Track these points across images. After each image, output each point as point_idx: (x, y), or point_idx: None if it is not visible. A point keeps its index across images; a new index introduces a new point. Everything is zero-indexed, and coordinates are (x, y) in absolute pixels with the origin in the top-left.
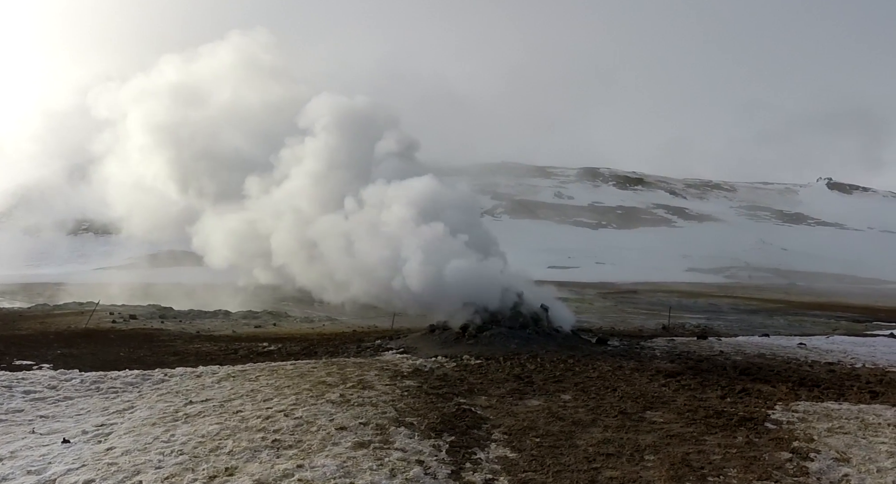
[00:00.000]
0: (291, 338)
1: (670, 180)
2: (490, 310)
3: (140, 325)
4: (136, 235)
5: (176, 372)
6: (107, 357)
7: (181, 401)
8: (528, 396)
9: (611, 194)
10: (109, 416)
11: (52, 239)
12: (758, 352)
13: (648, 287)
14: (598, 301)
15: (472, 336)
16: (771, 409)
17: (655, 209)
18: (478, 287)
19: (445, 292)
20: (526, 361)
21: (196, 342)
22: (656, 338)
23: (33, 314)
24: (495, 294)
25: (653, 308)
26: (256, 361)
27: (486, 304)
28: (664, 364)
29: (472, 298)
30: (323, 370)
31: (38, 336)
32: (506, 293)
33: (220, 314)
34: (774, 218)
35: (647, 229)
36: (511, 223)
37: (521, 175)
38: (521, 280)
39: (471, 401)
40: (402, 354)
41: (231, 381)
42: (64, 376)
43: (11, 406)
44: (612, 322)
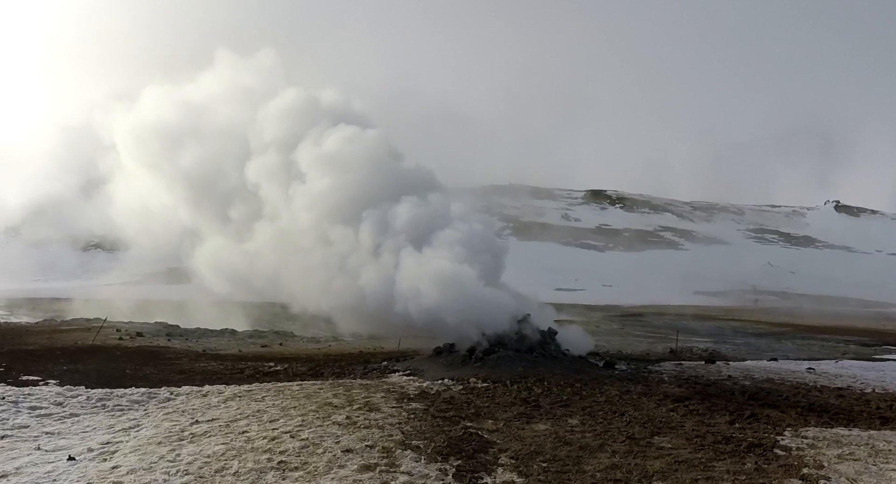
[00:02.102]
0: (297, 358)
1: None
2: (497, 332)
3: (146, 342)
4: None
5: (182, 391)
6: (113, 374)
7: (187, 420)
8: (535, 420)
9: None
10: (115, 433)
11: (60, 254)
12: (766, 376)
13: (655, 310)
14: (604, 323)
15: (479, 359)
16: (780, 435)
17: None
18: (485, 310)
19: (452, 315)
20: (533, 384)
21: (202, 361)
22: (664, 362)
23: (40, 329)
24: (502, 317)
25: (660, 331)
26: (262, 381)
27: (493, 326)
28: (672, 389)
29: (479, 321)
30: (329, 391)
31: (45, 351)
32: (512, 316)
33: (226, 333)
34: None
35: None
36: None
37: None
38: (527, 302)
39: (477, 424)
40: (408, 377)
41: (237, 401)
42: (70, 393)
43: (17, 422)
44: (619, 345)
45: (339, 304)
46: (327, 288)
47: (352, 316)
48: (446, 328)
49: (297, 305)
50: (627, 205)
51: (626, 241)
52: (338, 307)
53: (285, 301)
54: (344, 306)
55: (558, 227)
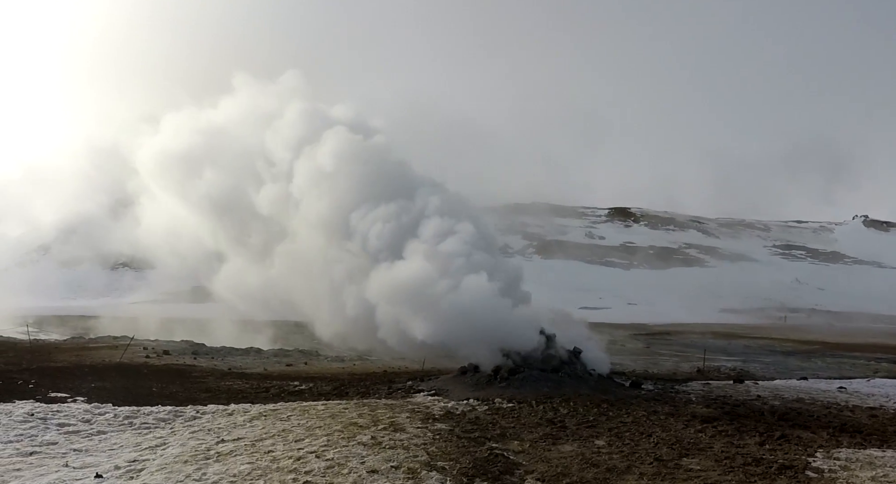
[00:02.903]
0: (322, 377)
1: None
2: (522, 352)
3: (173, 360)
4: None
5: (208, 409)
6: (140, 392)
7: (213, 439)
8: (561, 441)
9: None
10: (142, 451)
11: (90, 272)
12: (796, 396)
13: (681, 328)
14: (630, 342)
15: (504, 379)
16: (811, 456)
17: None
18: (510, 329)
19: (477, 335)
20: (559, 404)
21: (228, 379)
22: (691, 381)
23: (68, 346)
24: (527, 336)
25: (686, 350)
26: (288, 400)
27: (518, 346)
28: (700, 409)
29: (504, 341)
30: (354, 411)
31: (73, 368)
32: (538, 335)
33: (251, 351)
34: (810, 257)
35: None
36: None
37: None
38: (552, 322)
39: (503, 445)
40: (433, 397)
41: (263, 420)
42: (98, 410)
43: (46, 438)
44: (644, 364)
45: (353, 322)
46: (339, 306)
47: (368, 334)
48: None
49: (313, 324)
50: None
51: (650, 258)
52: (352, 325)
53: (302, 320)
54: (358, 324)
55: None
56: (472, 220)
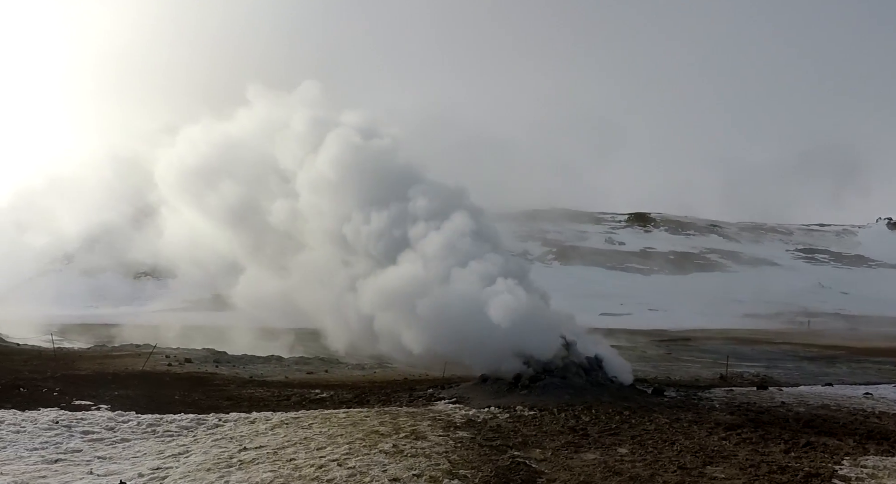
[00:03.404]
0: (343, 385)
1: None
2: (543, 359)
3: (195, 368)
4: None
5: (230, 417)
6: (162, 400)
7: (235, 447)
8: (583, 449)
9: (662, 239)
10: (165, 459)
11: (112, 281)
12: (821, 402)
13: (703, 334)
14: (651, 349)
15: (525, 386)
16: (838, 464)
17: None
18: (530, 336)
19: (498, 342)
20: (580, 412)
21: (249, 387)
22: (714, 388)
23: (92, 355)
24: (548, 343)
25: (708, 356)
26: (309, 408)
27: (539, 353)
28: (724, 416)
29: (525, 348)
30: (376, 419)
31: (97, 377)
32: (558, 342)
33: (272, 359)
34: (833, 260)
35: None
36: (561, 270)
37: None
38: (573, 328)
39: (525, 453)
40: (454, 404)
41: (284, 428)
42: (121, 418)
43: (70, 446)
44: (666, 371)
45: (360, 331)
46: (344, 315)
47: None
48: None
49: (325, 333)
50: (671, 227)
51: (671, 264)
52: (358, 334)
53: (316, 328)
54: (365, 333)
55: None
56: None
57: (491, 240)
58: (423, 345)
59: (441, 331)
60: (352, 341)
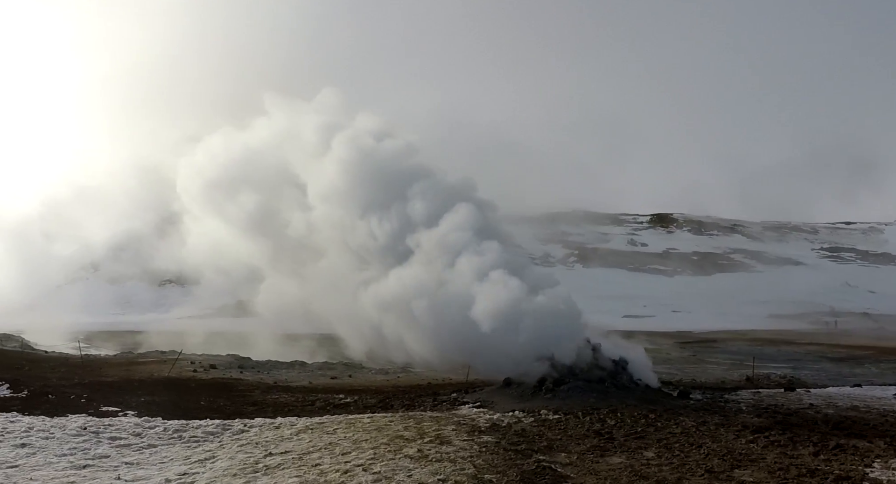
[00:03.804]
0: (367, 390)
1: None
2: (567, 363)
3: (219, 374)
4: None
5: (255, 423)
6: (188, 406)
7: (261, 452)
8: (609, 453)
9: (685, 240)
10: (191, 465)
11: (137, 289)
12: (850, 404)
13: (728, 335)
14: (675, 351)
15: (550, 390)
16: (869, 466)
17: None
18: (554, 339)
19: (521, 345)
20: (605, 415)
21: (273, 393)
22: (740, 390)
23: (118, 361)
24: (572, 346)
25: (734, 358)
26: (333, 413)
27: (563, 356)
28: (751, 419)
29: (549, 351)
30: (400, 424)
31: (123, 383)
32: (582, 345)
33: (296, 365)
34: (859, 259)
35: (724, 275)
36: (584, 272)
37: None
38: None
39: (550, 458)
40: (478, 408)
41: (309, 433)
42: (148, 424)
43: (98, 452)
44: (691, 373)
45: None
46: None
47: (437, 344)
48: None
49: (344, 340)
50: (694, 228)
51: (694, 265)
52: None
53: (334, 334)
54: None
55: (624, 253)
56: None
57: (494, 232)
58: (428, 349)
59: (443, 334)
60: (369, 347)
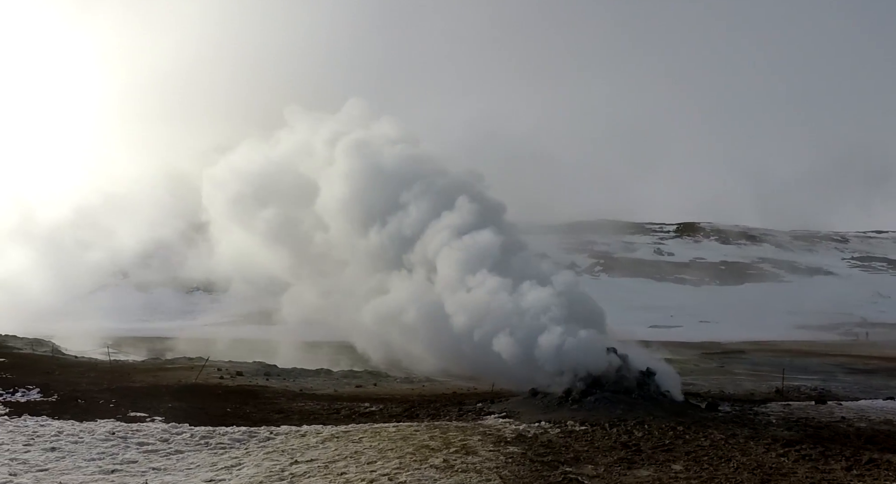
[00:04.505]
0: (392, 399)
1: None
2: (593, 374)
3: (246, 381)
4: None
5: (281, 430)
6: (215, 412)
7: (287, 460)
8: (636, 466)
9: (713, 250)
10: (218, 471)
11: (165, 295)
12: (884, 417)
13: (756, 346)
14: (703, 362)
15: (576, 401)
16: None
17: (761, 264)
18: (580, 350)
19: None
20: (633, 427)
21: (299, 400)
22: (770, 402)
23: (146, 367)
24: (598, 357)
25: (762, 369)
26: (359, 422)
27: (589, 367)
28: (781, 432)
29: (575, 362)
30: (425, 433)
31: (151, 389)
32: (609, 356)
33: (321, 373)
34: (891, 268)
35: (752, 285)
36: (610, 282)
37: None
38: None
39: (577, 470)
40: (504, 419)
41: (335, 441)
42: (175, 430)
43: (126, 457)
44: (719, 385)
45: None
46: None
47: (436, 355)
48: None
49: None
50: (722, 237)
51: (722, 274)
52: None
53: (356, 344)
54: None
55: (651, 262)
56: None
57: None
58: (448, 361)
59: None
60: (386, 356)
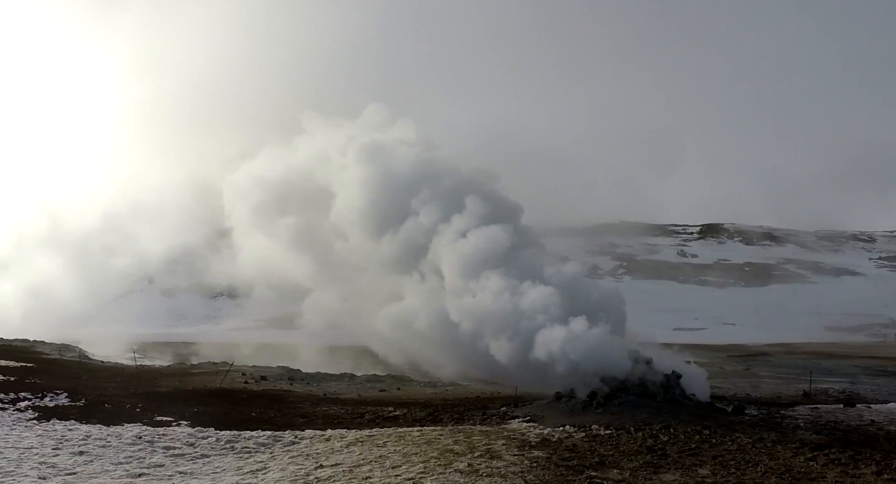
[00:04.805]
0: (416, 403)
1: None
2: (618, 377)
3: (270, 386)
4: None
5: (305, 434)
6: (239, 416)
7: (311, 464)
8: (662, 470)
9: (737, 251)
10: (243, 476)
11: (190, 301)
12: None
13: (782, 349)
14: (728, 365)
15: (601, 404)
16: None
17: (786, 265)
18: (605, 354)
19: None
20: (658, 431)
21: (323, 405)
22: (797, 405)
23: (172, 372)
24: (623, 360)
25: (789, 372)
26: (383, 426)
27: (614, 371)
28: (809, 435)
29: (599, 365)
30: (450, 438)
31: (176, 393)
32: (634, 359)
33: (345, 377)
34: None
35: (778, 286)
36: (633, 284)
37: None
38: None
39: (602, 474)
40: (528, 423)
41: (359, 446)
42: (201, 434)
43: (153, 461)
44: (745, 388)
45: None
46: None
47: (450, 361)
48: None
49: (383, 351)
50: (746, 238)
51: (746, 276)
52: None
53: (375, 348)
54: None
55: (674, 265)
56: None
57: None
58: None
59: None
60: (408, 360)
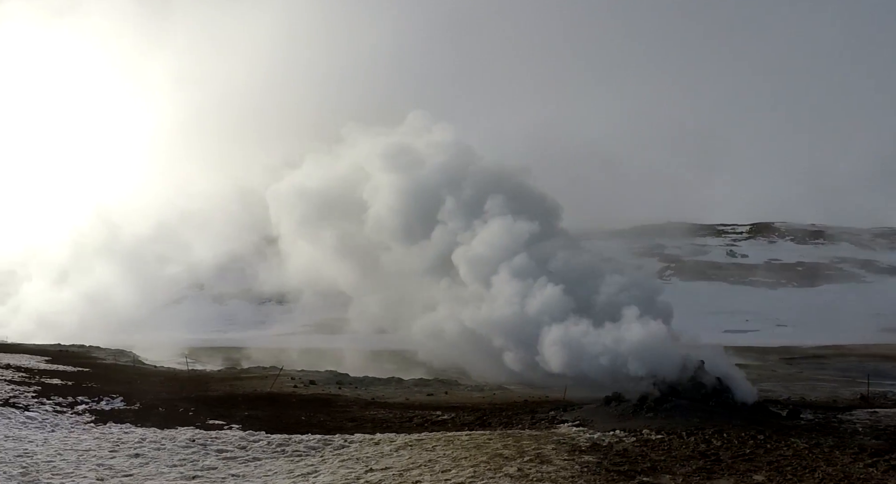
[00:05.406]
0: (464, 407)
1: (854, 231)
2: (668, 381)
3: (319, 390)
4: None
5: (355, 438)
6: (289, 420)
7: (362, 468)
8: (716, 476)
9: (788, 250)
10: (295, 479)
11: (239, 307)
12: None
13: (837, 351)
14: (781, 367)
15: (651, 409)
16: None
17: (840, 264)
18: (656, 356)
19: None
20: (711, 436)
21: (371, 409)
22: (855, 409)
23: (222, 377)
24: (674, 363)
25: (845, 374)
26: (431, 430)
27: (665, 374)
28: (868, 440)
29: (650, 368)
30: (499, 442)
31: (228, 398)
32: (685, 362)
33: (392, 381)
34: None
35: (831, 286)
36: (682, 286)
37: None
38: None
39: (654, 480)
40: (577, 427)
41: (409, 449)
42: (252, 437)
43: (206, 463)
44: (799, 391)
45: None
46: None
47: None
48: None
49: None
50: (798, 237)
51: (799, 276)
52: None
53: (418, 353)
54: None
55: (723, 265)
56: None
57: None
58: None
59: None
60: (451, 365)
